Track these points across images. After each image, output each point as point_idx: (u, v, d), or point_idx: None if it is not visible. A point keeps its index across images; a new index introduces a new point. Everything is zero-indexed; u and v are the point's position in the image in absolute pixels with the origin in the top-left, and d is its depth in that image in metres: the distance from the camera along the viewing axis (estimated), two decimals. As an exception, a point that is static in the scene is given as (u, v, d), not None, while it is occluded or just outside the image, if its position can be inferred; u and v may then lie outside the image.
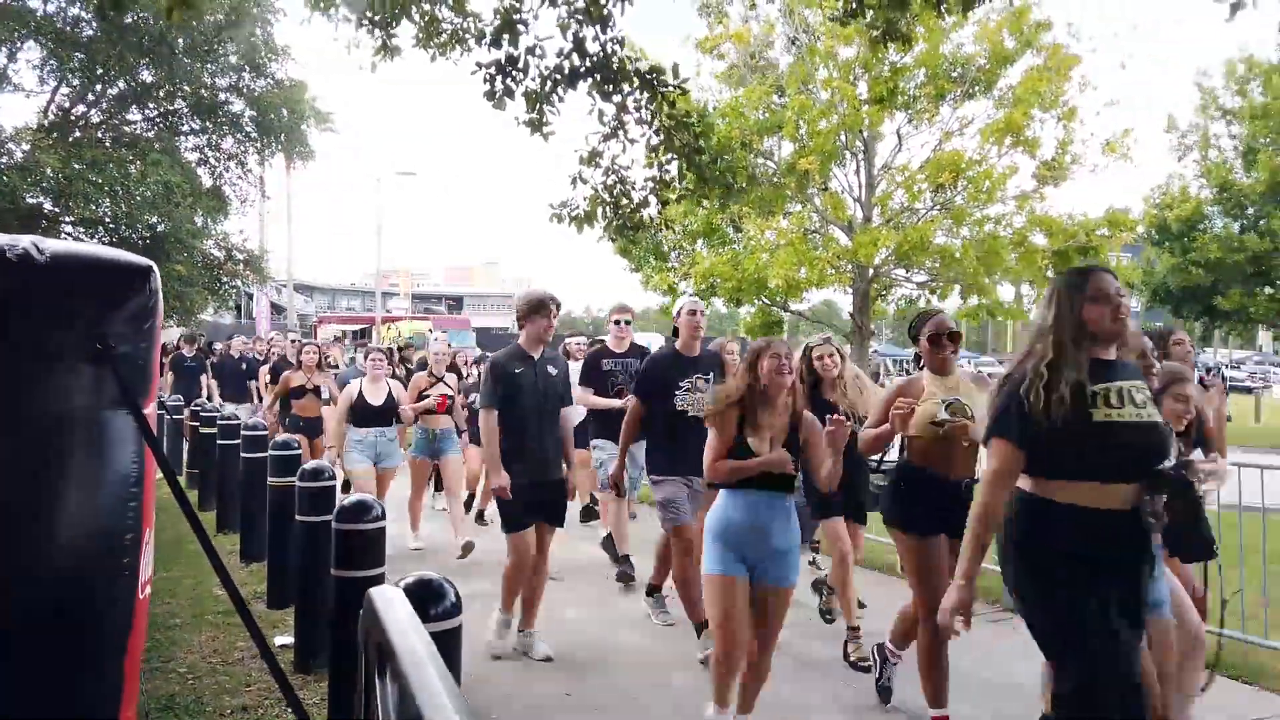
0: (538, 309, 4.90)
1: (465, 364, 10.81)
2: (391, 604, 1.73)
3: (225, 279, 21.11)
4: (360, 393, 7.23)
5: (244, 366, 12.58)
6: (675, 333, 5.36)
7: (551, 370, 5.05)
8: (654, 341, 17.91)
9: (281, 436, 6.71)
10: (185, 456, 10.50)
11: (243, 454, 7.12)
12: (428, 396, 7.51)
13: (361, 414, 7.23)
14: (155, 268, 2.68)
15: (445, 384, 7.70)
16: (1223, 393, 9.05)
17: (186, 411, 11.04)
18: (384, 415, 7.30)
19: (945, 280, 16.31)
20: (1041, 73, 15.34)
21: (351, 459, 7.19)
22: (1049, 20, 15.63)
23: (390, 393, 7.36)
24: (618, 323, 6.84)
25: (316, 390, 8.41)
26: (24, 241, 2.41)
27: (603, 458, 6.59)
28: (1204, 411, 3.97)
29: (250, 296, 36.15)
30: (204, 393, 12.57)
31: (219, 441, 8.21)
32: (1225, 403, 9.13)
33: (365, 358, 7.68)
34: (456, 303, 73.41)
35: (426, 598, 2.36)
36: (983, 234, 15.91)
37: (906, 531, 3.84)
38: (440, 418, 7.61)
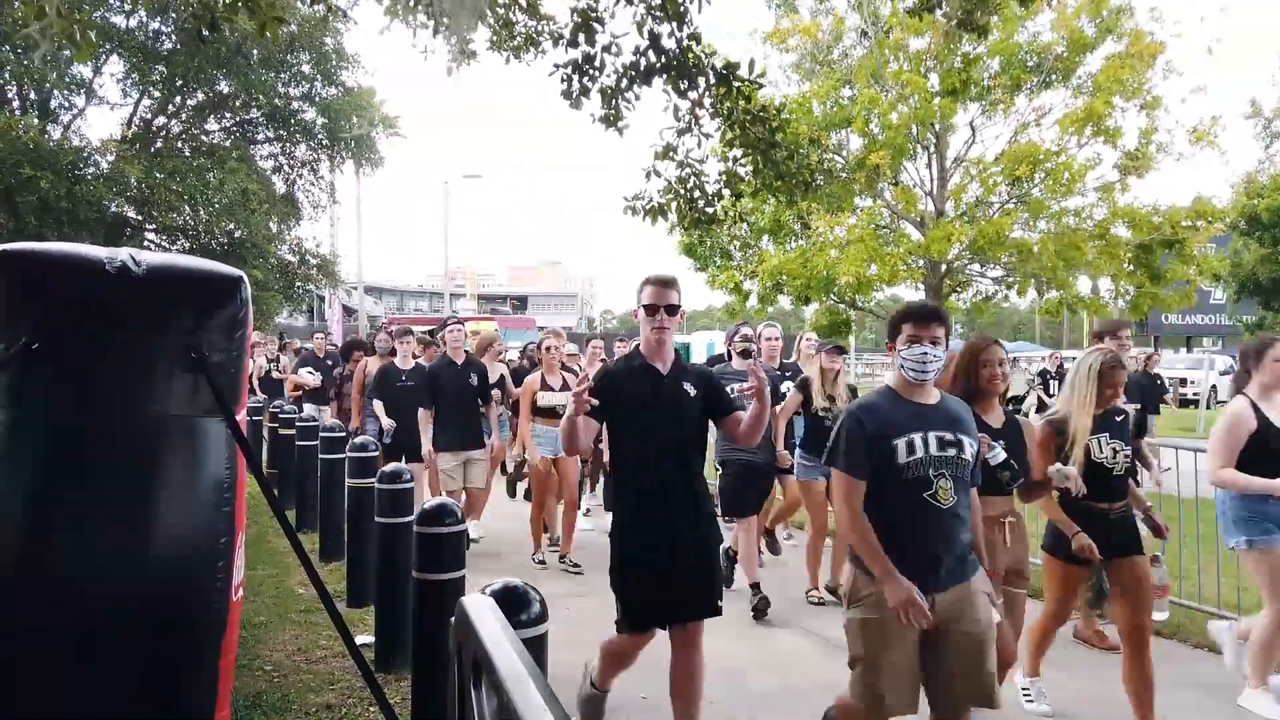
0: None
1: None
2: (485, 617, 1.71)
3: (299, 283, 21.66)
4: None
5: (471, 381, 7.06)
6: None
7: None
8: (716, 340, 17.77)
9: None
10: (265, 456, 10.70)
11: (321, 455, 7.24)
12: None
13: None
14: (245, 278, 2.72)
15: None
16: None
17: (266, 412, 11.23)
18: None
19: (1022, 275, 15.87)
20: (1123, 60, 14.80)
21: None
22: (1130, 4, 15.09)
23: None
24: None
25: None
26: (122, 254, 2.48)
27: None
28: None
29: (322, 299, 37.01)
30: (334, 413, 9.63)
31: (298, 442, 8.38)
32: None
33: None
34: (521, 302, 74.17)
35: (514, 605, 2.34)
36: (1062, 227, 15.44)
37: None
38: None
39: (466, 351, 7.36)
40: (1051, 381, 13.91)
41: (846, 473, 3.04)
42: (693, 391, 3.54)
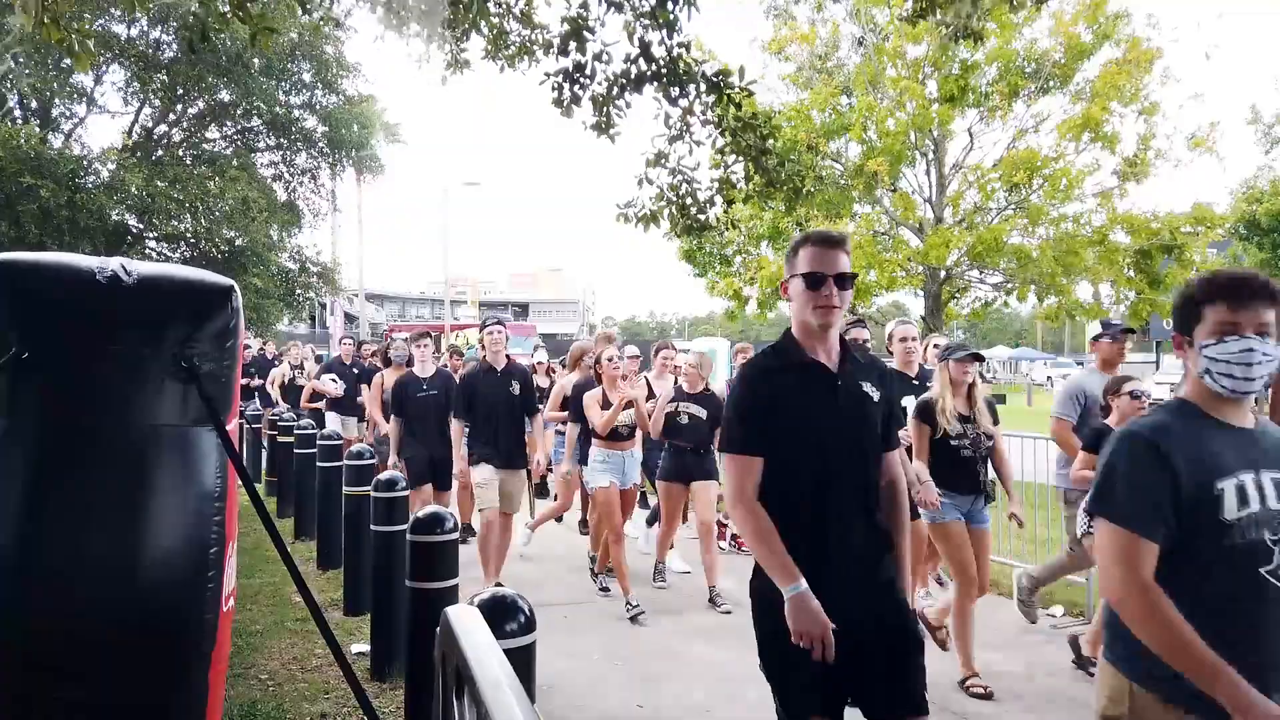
0: None
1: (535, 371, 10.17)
2: (469, 628, 1.71)
3: (300, 291, 21.69)
4: None
5: (513, 389, 6.32)
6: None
7: None
8: (719, 347, 17.75)
9: None
10: (264, 464, 10.69)
11: (318, 463, 7.24)
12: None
13: None
14: (236, 287, 2.73)
15: None
16: None
17: (265, 419, 11.20)
18: None
19: (1021, 281, 15.89)
20: (1120, 66, 14.85)
21: None
22: (1127, 11, 15.14)
23: None
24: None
25: None
26: (113, 264, 2.49)
27: None
28: None
29: (324, 306, 37.04)
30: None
31: (295, 450, 8.37)
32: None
33: None
34: (522, 309, 74.22)
35: (501, 615, 2.34)
36: (1060, 233, 15.47)
37: None
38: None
39: (508, 357, 6.55)
40: None
41: (1128, 529, 1.96)
42: (875, 395, 2.57)
